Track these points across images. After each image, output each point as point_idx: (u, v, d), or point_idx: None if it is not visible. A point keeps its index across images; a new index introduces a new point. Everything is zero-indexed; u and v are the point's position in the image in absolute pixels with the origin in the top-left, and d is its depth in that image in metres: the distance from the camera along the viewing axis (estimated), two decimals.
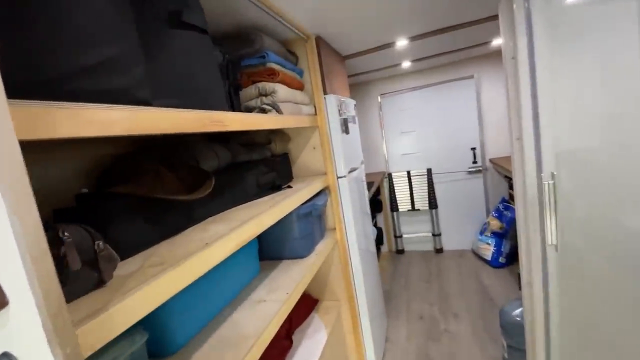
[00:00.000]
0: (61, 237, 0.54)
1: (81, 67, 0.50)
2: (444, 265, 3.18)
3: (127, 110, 0.55)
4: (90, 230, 0.59)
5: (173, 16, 0.69)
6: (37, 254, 0.39)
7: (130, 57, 0.59)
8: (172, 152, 1.08)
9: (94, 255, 0.58)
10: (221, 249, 0.76)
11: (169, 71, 0.70)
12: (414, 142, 3.50)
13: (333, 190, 1.66)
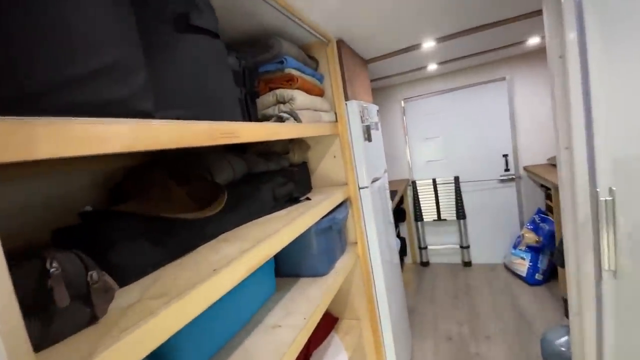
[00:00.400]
0: (48, 269, 0.48)
1: (71, 77, 0.44)
2: (473, 280, 2.98)
3: (122, 124, 0.49)
4: (83, 258, 0.53)
5: (180, 19, 0.63)
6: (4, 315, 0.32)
7: (129, 65, 0.53)
8: (185, 164, 1.03)
9: (87, 288, 0.52)
10: (230, 276, 0.68)
11: (175, 79, 0.64)
12: (440, 149, 3.34)
13: (355, 202, 1.56)
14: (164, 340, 0.53)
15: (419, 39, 1.83)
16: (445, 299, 2.71)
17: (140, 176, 0.93)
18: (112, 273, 0.63)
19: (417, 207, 3.40)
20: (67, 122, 0.42)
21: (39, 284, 0.47)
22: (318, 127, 1.27)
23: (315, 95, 1.39)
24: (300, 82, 1.20)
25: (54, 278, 0.47)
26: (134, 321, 0.51)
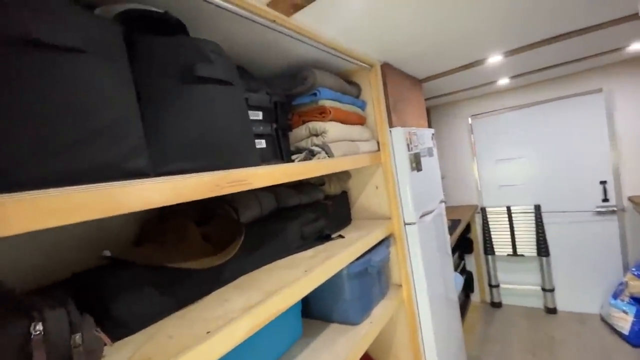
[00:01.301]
0: (31, 332, 0.48)
1: (55, 147, 0.44)
2: (558, 331, 2.45)
3: (103, 189, 0.47)
4: (72, 318, 0.53)
5: (186, 71, 0.62)
6: None
7: (122, 126, 0.52)
8: (213, 201, 1.03)
9: (69, 351, 0.51)
10: (226, 340, 0.63)
11: (179, 131, 0.63)
12: (516, 172, 2.90)
13: (399, 240, 1.41)
14: None
15: (483, 54, 1.61)
16: (521, 355, 2.27)
17: (165, 214, 0.96)
18: (111, 325, 0.63)
19: (487, 238, 2.99)
20: (40, 196, 0.42)
21: (21, 347, 0.47)
22: (354, 160, 1.18)
23: (354, 124, 1.30)
24: (333, 114, 1.13)
25: (35, 342, 0.47)
26: None
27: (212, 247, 0.85)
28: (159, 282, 0.71)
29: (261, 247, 0.99)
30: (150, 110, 0.58)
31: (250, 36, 0.93)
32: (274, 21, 0.84)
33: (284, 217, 1.09)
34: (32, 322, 0.48)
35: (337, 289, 1.15)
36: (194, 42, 0.64)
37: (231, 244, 0.84)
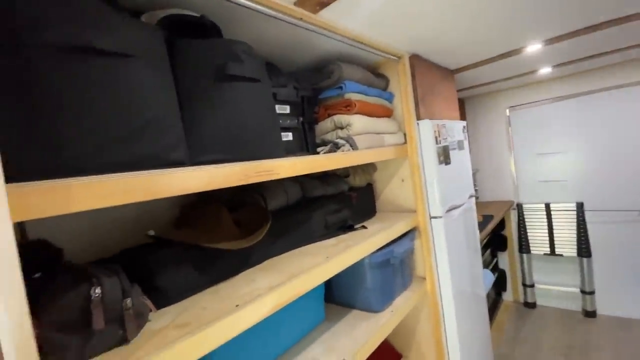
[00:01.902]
0: (91, 295, 0.57)
1: (111, 140, 0.52)
2: (595, 336, 2.32)
3: (148, 175, 0.55)
4: (124, 285, 0.62)
5: (219, 70, 0.68)
6: (20, 343, 0.40)
7: (164, 122, 0.59)
8: (244, 189, 1.11)
9: (121, 312, 0.60)
10: (253, 314, 0.69)
11: (212, 126, 0.69)
12: (558, 167, 2.73)
13: (424, 233, 1.41)
14: None
15: (520, 43, 1.53)
16: (552, 356, 2.18)
17: (202, 199, 1.05)
18: (155, 295, 0.72)
19: (522, 235, 2.86)
20: (99, 180, 0.49)
21: (83, 306, 0.56)
22: (378, 153, 1.19)
23: (380, 116, 1.31)
24: (359, 107, 1.15)
25: (94, 303, 0.56)
26: (154, 348, 0.56)
27: (242, 232, 0.92)
28: (195, 260, 0.79)
29: (286, 234, 1.05)
30: (187, 107, 0.65)
31: (279, 34, 0.98)
32: (301, 19, 0.87)
33: (309, 206, 1.14)
34: (92, 286, 0.57)
35: (359, 278, 1.19)
36: (227, 43, 0.69)
37: (259, 229, 0.91)
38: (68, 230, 0.85)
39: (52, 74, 0.45)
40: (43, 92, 0.45)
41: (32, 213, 0.43)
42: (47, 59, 0.44)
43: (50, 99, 0.46)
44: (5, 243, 0.39)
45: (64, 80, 0.46)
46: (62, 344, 0.53)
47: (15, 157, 0.44)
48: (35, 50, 0.43)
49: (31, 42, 0.42)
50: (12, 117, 0.44)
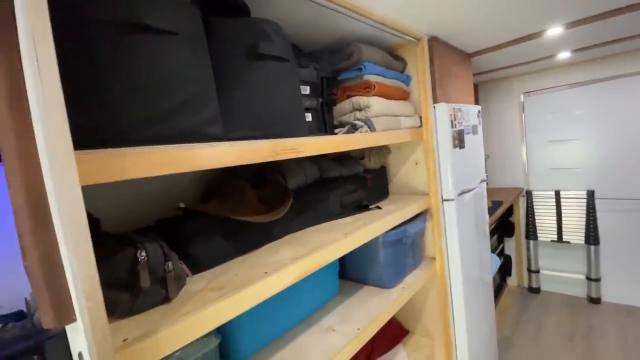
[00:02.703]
0: (138, 257, 0.62)
1: (155, 114, 0.56)
2: (599, 321, 2.37)
3: (191, 149, 0.59)
4: (165, 250, 0.67)
5: (251, 49, 0.70)
6: (89, 288, 0.45)
7: (202, 99, 0.62)
8: (265, 167, 1.15)
9: (164, 274, 0.65)
10: (280, 281, 0.75)
11: (244, 103, 0.72)
12: (570, 155, 2.71)
13: (436, 215, 1.45)
14: (215, 326, 0.62)
15: (541, 26, 1.51)
16: (555, 339, 2.24)
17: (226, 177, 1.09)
18: (189, 262, 0.77)
19: (530, 222, 2.88)
20: (149, 151, 0.53)
21: (131, 268, 0.62)
22: (394, 135, 1.22)
23: (397, 99, 1.32)
24: (378, 89, 1.17)
25: (141, 265, 0.62)
26: (194, 307, 0.62)
27: (265, 208, 0.97)
28: (224, 231, 0.84)
29: (306, 211, 1.10)
30: (221, 85, 0.68)
31: (305, 14, 0.99)
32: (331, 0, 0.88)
33: (326, 186, 1.18)
34: (137, 250, 0.62)
35: (373, 255, 1.24)
36: (258, 23, 0.71)
37: (282, 205, 0.95)
38: (102, 203, 0.91)
39: (108, 48, 0.48)
40: (100, 66, 0.49)
41: (95, 178, 0.47)
42: (104, 35, 0.47)
43: (106, 72, 0.50)
44: (77, 204, 0.44)
45: (118, 55, 0.49)
46: (114, 299, 0.59)
47: (76, 127, 0.48)
48: (95, 25, 0.46)
49: (91, 18, 0.45)
50: (73, 89, 0.47)
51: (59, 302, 0.46)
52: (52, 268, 0.47)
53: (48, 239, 0.48)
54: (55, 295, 0.46)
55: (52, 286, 0.46)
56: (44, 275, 0.47)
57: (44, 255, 0.48)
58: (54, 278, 0.47)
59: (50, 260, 0.47)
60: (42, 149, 0.43)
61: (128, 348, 0.50)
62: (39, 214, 0.48)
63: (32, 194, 0.47)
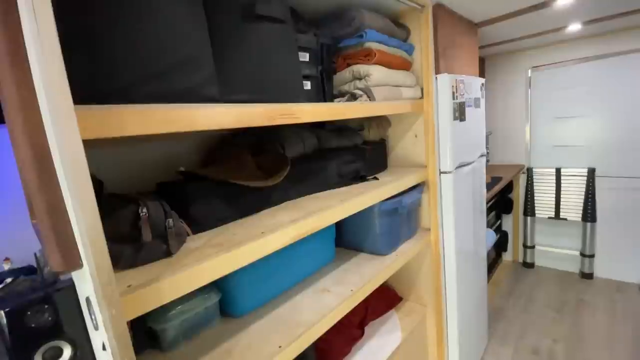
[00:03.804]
0: (140, 213, 0.65)
1: (152, 72, 0.57)
2: (589, 295, 2.45)
3: (188, 109, 0.60)
4: (165, 208, 0.70)
5: (247, 9, 0.70)
6: (93, 236, 0.48)
7: (199, 58, 0.63)
8: (263, 136, 1.16)
9: (165, 230, 0.69)
10: (276, 241, 0.78)
11: (240, 66, 0.72)
12: (573, 132, 2.69)
13: (432, 187, 1.47)
14: (214, 278, 0.66)
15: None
16: (544, 310, 2.33)
17: (224, 145, 1.11)
18: (189, 222, 0.81)
19: (529, 199, 2.90)
20: (148, 109, 0.55)
21: (133, 223, 0.65)
22: (394, 106, 1.21)
23: (399, 68, 1.31)
24: (379, 57, 1.15)
25: (143, 220, 0.65)
26: (194, 260, 0.65)
27: (263, 174, 0.99)
28: (223, 195, 0.87)
29: (303, 180, 1.12)
30: (217, 46, 0.68)
31: None
32: None
33: (324, 156, 1.20)
34: (139, 207, 0.65)
35: (369, 224, 1.27)
36: None
37: (280, 172, 0.97)
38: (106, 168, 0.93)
39: (104, 2, 0.48)
40: (96, 21, 0.49)
41: (95, 133, 0.49)
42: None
43: (102, 27, 0.50)
44: (79, 156, 0.46)
45: (114, 9, 0.50)
46: (119, 251, 0.63)
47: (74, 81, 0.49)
48: None
49: None
50: (70, 44, 0.48)
51: (66, 248, 0.49)
52: (58, 217, 0.50)
53: (53, 189, 0.50)
54: (62, 241, 0.49)
55: (59, 234, 0.50)
56: (51, 224, 0.50)
57: (49, 204, 0.51)
58: (60, 226, 0.50)
59: (56, 209, 0.50)
60: (42, 102, 0.45)
61: (132, 293, 0.54)
62: (42, 165, 0.50)
63: (36, 146, 0.49)
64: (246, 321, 0.96)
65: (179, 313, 0.86)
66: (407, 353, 1.46)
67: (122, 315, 0.51)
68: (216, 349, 0.84)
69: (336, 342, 1.30)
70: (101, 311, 0.49)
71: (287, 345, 0.83)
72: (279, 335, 0.87)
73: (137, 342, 0.85)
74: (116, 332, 0.49)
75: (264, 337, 0.87)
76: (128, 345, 0.51)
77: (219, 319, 0.98)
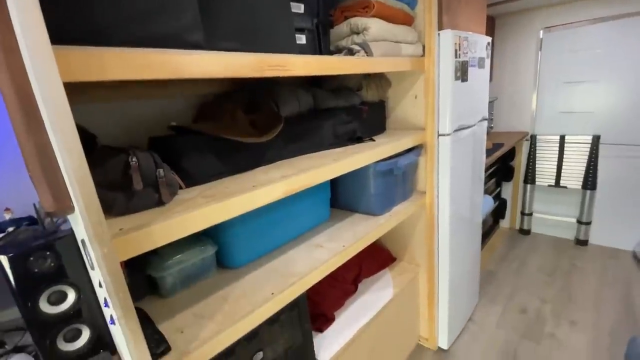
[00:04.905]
0: (130, 162, 0.66)
1: (131, 14, 0.55)
2: (582, 261, 2.51)
3: (172, 54, 0.58)
4: (156, 159, 0.71)
5: None
6: (80, 177, 0.49)
7: (182, 1, 0.60)
8: (257, 95, 1.14)
9: (156, 180, 0.70)
10: (267, 194, 0.80)
11: (227, 12, 0.69)
12: (582, 97, 2.60)
13: (430, 150, 1.46)
14: (205, 226, 0.68)
15: None
16: (536, 274, 2.40)
17: (217, 102, 1.09)
18: (182, 176, 0.82)
19: (530, 167, 2.88)
20: (130, 52, 0.54)
21: (124, 171, 0.66)
22: (392, 62, 1.17)
23: (400, 23, 1.25)
24: (377, 8, 1.09)
25: (133, 168, 0.66)
26: (185, 208, 0.67)
27: (256, 132, 0.99)
28: (216, 150, 0.87)
29: (298, 140, 1.11)
30: None
31: None
32: None
33: (320, 116, 1.18)
34: (129, 156, 0.66)
35: (364, 184, 1.28)
36: None
37: (273, 129, 0.97)
38: (98, 125, 0.93)
39: None
40: None
41: (75, 75, 0.48)
42: None
43: None
44: (60, 98, 0.46)
45: None
46: (111, 198, 0.65)
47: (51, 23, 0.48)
48: None
49: None
50: None
51: (56, 188, 0.50)
52: (47, 159, 0.51)
53: (40, 132, 0.51)
54: (52, 182, 0.51)
55: (49, 175, 0.51)
56: (40, 166, 0.52)
57: (37, 146, 0.51)
58: (49, 168, 0.51)
59: (44, 151, 0.51)
60: (21, 42, 0.44)
61: (124, 235, 0.56)
62: (28, 108, 0.50)
63: (20, 89, 0.49)
64: (242, 272, 1.00)
65: (176, 263, 0.90)
66: (399, 308, 1.54)
67: (115, 254, 0.54)
68: (212, 296, 0.89)
69: (330, 295, 1.36)
70: (93, 249, 0.51)
71: (279, 293, 0.87)
72: (272, 284, 0.92)
73: (137, 289, 0.90)
74: (109, 269, 0.52)
75: (258, 285, 0.92)
76: (122, 282, 0.54)
77: (216, 271, 1.03)
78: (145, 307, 0.86)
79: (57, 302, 0.83)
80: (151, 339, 0.71)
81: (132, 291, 0.57)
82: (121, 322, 0.55)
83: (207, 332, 0.75)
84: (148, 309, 0.85)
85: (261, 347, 0.92)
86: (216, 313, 0.81)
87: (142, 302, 0.89)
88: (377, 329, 1.38)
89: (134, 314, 0.56)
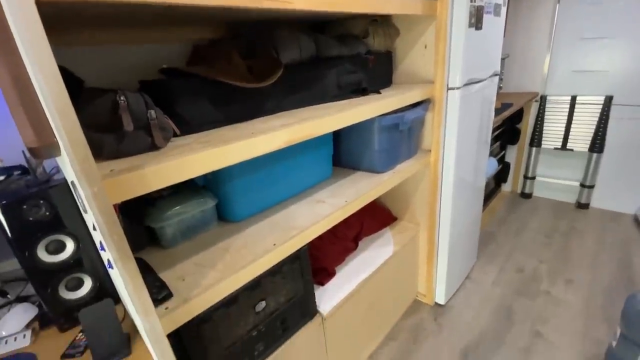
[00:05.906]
0: (118, 101, 0.61)
1: None
2: (582, 224, 2.52)
3: None
4: (146, 100, 0.66)
5: None
6: (61, 108, 0.44)
7: None
8: (255, 41, 1.06)
9: (147, 121, 0.65)
10: (267, 143, 0.75)
11: None
12: (598, 55, 2.46)
13: (438, 105, 1.39)
14: (201, 172, 0.65)
15: None
16: (534, 235, 2.42)
17: (211, 47, 1.01)
18: (177, 122, 0.77)
19: (537, 129, 2.80)
20: None
21: (112, 111, 0.61)
22: (401, 3, 1.07)
23: None
24: None
25: (122, 107, 0.61)
26: (181, 152, 0.63)
27: (254, 77, 0.92)
28: (212, 95, 0.82)
29: (299, 90, 1.05)
30: None
31: None
32: None
33: (323, 65, 1.10)
34: (117, 95, 0.61)
35: (368, 140, 1.24)
36: None
37: (272, 75, 0.90)
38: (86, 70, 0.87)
39: None
40: None
41: None
42: None
43: None
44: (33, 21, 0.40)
45: None
46: (100, 140, 0.60)
47: None
48: None
49: None
50: None
51: (37, 121, 0.46)
52: (24, 90, 0.46)
53: (15, 61, 0.46)
54: (32, 114, 0.46)
55: (28, 107, 0.46)
56: (18, 98, 0.47)
57: (14, 78, 0.47)
58: (27, 99, 0.46)
59: (21, 82, 0.46)
60: None
61: (115, 177, 0.53)
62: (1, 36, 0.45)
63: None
64: (243, 225, 0.99)
65: (175, 214, 0.88)
66: (398, 265, 1.56)
67: (105, 194, 0.51)
68: (214, 247, 0.88)
69: (331, 251, 1.37)
70: (82, 188, 0.48)
71: (281, 244, 0.86)
72: (274, 236, 0.91)
73: (137, 240, 0.89)
74: (100, 209, 0.49)
75: (260, 237, 0.91)
76: (115, 223, 0.51)
77: (217, 224, 1.02)
78: (146, 258, 0.86)
79: (56, 252, 0.82)
80: (152, 286, 0.71)
81: (131, 242, 0.55)
82: (118, 265, 0.53)
83: (209, 279, 0.74)
84: (149, 259, 0.85)
85: (264, 297, 0.93)
86: (217, 262, 0.81)
87: (142, 253, 0.89)
88: (376, 284, 1.41)
89: (130, 257, 0.55)
